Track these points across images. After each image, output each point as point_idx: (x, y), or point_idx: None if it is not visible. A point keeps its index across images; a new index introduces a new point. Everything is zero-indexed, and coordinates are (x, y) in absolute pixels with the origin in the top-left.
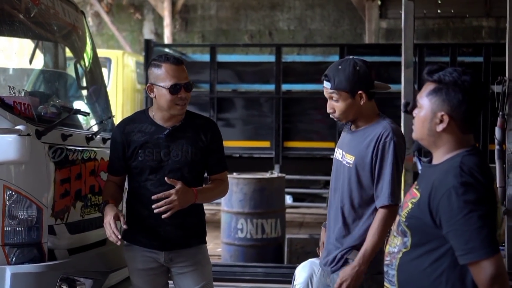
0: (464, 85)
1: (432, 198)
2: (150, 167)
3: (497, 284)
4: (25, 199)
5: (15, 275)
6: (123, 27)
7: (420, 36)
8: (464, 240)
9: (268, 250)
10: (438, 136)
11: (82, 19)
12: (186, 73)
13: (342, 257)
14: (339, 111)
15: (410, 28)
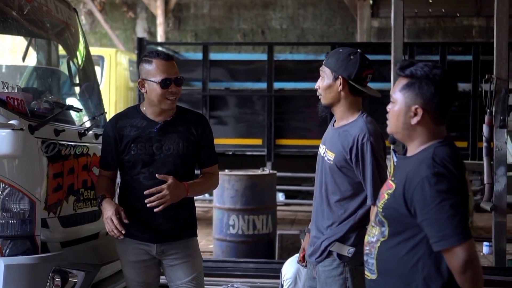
0: (436, 78)
1: (406, 188)
2: (142, 161)
3: (470, 270)
4: (18, 193)
5: (8, 266)
6: (116, 25)
7: (411, 35)
8: (437, 228)
9: (259, 246)
10: (413, 129)
11: (75, 16)
12: (176, 69)
13: (326, 248)
14: (321, 88)
15: (399, 27)
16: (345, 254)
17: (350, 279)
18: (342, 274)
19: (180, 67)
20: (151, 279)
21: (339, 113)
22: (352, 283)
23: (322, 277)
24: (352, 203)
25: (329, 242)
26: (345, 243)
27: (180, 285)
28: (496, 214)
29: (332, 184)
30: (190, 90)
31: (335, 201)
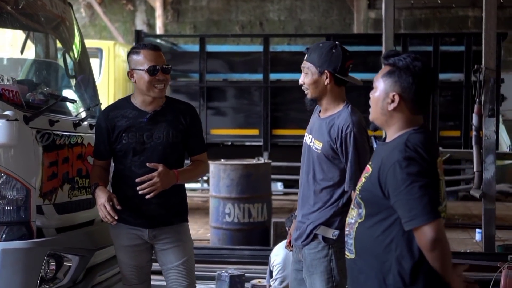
0: (415, 69)
1: (381, 172)
2: (133, 150)
3: (438, 248)
4: (14, 180)
5: (4, 250)
6: (115, 18)
7: (407, 26)
8: (407, 208)
9: (254, 234)
10: (390, 115)
11: (70, 10)
12: (163, 58)
13: (311, 232)
14: (307, 83)
15: (390, 18)
16: (330, 237)
17: (334, 260)
18: (327, 256)
19: (178, 59)
20: (143, 263)
21: (325, 105)
22: (337, 264)
23: (308, 259)
24: (339, 189)
25: (314, 226)
26: (330, 227)
27: (171, 268)
28: (485, 201)
29: (320, 171)
30: (187, 82)
31: (322, 187)
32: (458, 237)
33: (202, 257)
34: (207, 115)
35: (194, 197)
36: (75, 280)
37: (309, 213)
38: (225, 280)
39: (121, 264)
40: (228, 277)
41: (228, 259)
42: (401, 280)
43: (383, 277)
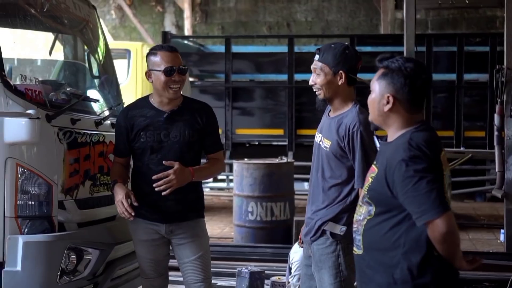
0: (407, 70)
1: (387, 172)
2: (151, 148)
3: (449, 240)
4: (36, 176)
5: (27, 243)
6: (145, 19)
7: (435, 26)
8: (417, 205)
9: (277, 232)
10: (386, 115)
11: (94, 13)
12: (180, 59)
13: (320, 228)
14: (319, 84)
15: (411, 19)
16: (338, 233)
17: (342, 256)
18: (335, 252)
19: (204, 60)
20: (160, 257)
21: (336, 104)
22: (344, 260)
23: (316, 254)
24: (347, 187)
25: (323, 222)
26: (338, 223)
27: (187, 263)
28: (507, 201)
29: (328, 169)
30: (213, 82)
31: (331, 185)
32: (483, 237)
33: (224, 254)
34: (232, 115)
35: (221, 196)
36: (95, 273)
37: (318, 210)
38: (245, 277)
39: (139, 258)
40: (248, 273)
41: (250, 256)
42: (409, 274)
43: (391, 271)
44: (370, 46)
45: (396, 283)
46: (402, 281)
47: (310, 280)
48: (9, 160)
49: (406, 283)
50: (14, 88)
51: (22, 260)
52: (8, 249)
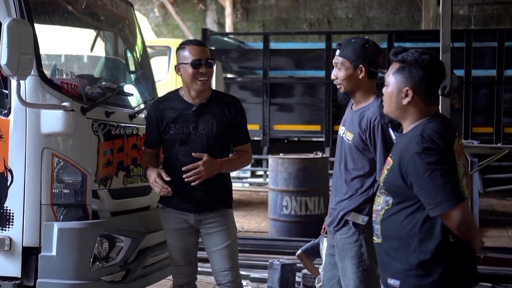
0: (424, 63)
1: (401, 164)
2: (180, 140)
3: (466, 227)
4: (71, 166)
5: (61, 229)
6: (187, 17)
7: (478, 22)
8: (432, 196)
9: (311, 226)
10: (404, 108)
11: (131, 10)
12: (207, 53)
13: (342, 218)
14: (341, 79)
15: (447, 14)
16: (360, 223)
17: (364, 245)
18: (357, 241)
19: (244, 56)
20: (189, 245)
21: (358, 97)
22: (367, 250)
23: (339, 244)
24: (369, 179)
25: (345, 212)
26: (360, 213)
27: (215, 252)
28: None
29: (351, 161)
30: (252, 78)
31: (353, 176)
32: None
33: (259, 248)
34: (270, 111)
35: (260, 191)
36: (126, 260)
37: (341, 201)
38: (277, 269)
39: (169, 246)
40: (280, 265)
41: (283, 250)
42: (425, 261)
43: (408, 258)
44: (410, 42)
45: (412, 270)
46: (418, 267)
47: (334, 269)
48: (46, 150)
49: (422, 270)
50: (51, 82)
51: (57, 246)
52: (44, 235)
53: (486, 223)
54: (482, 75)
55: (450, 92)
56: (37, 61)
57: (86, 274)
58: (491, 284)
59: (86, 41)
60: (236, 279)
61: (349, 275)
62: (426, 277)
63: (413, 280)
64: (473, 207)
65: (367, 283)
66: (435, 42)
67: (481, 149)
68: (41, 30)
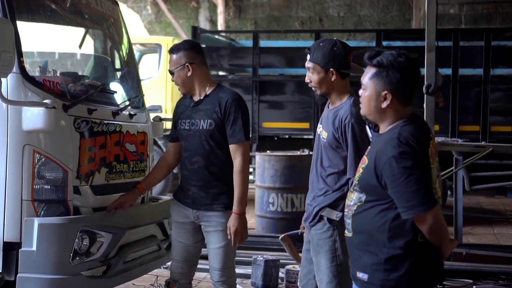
0: (400, 66)
1: (377, 164)
2: (181, 135)
3: (436, 231)
4: (52, 162)
5: (41, 225)
6: (180, 14)
7: (468, 21)
8: (405, 200)
9: (297, 223)
10: (383, 111)
11: (117, 8)
12: (169, 62)
13: (317, 213)
14: (314, 82)
15: (432, 13)
16: (334, 218)
17: (339, 241)
18: (332, 237)
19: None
20: (189, 242)
21: (333, 98)
22: (341, 245)
23: (314, 239)
24: (344, 176)
25: (320, 208)
26: (335, 209)
27: (211, 250)
28: None
29: (326, 159)
30: (242, 76)
31: (328, 173)
32: (508, 232)
33: (245, 244)
34: (259, 109)
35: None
36: (107, 255)
37: (317, 196)
38: (260, 265)
39: (172, 239)
40: (263, 261)
41: (269, 246)
42: (393, 255)
43: (377, 253)
44: (398, 41)
45: (380, 264)
46: (386, 262)
47: (310, 264)
48: (27, 146)
49: (390, 265)
50: (32, 79)
51: (37, 241)
52: (25, 230)
53: (473, 220)
54: (470, 74)
55: (434, 91)
56: (19, 59)
57: (66, 269)
58: (472, 280)
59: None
60: (227, 280)
61: (323, 269)
62: (393, 272)
63: (381, 274)
64: (457, 204)
65: (340, 278)
66: (423, 41)
67: (465, 147)
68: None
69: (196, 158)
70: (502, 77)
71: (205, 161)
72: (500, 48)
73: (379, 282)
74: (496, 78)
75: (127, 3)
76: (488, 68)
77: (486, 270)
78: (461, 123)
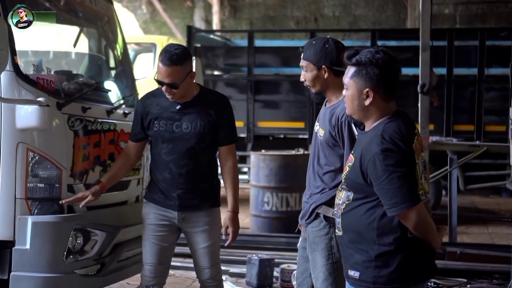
0: (379, 62)
1: (362, 162)
2: (162, 137)
3: (422, 227)
4: (46, 161)
5: (35, 223)
6: (175, 14)
7: (463, 21)
8: (388, 197)
9: (292, 222)
10: (367, 109)
11: (112, 7)
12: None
13: (313, 211)
14: (308, 80)
15: (427, 13)
16: (330, 216)
17: (334, 239)
18: (328, 234)
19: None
20: (165, 244)
21: (330, 95)
22: (337, 243)
23: (310, 237)
24: (340, 174)
25: (316, 205)
26: (331, 207)
27: (198, 250)
28: None
29: (323, 157)
30: (237, 76)
31: (325, 171)
32: (502, 231)
33: (240, 243)
34: (254, 108)
35: (245, 188)
36: (101, 254)
37: (313, 194)
38: (255, 264)
39: (145, 242)
40: (258, 260)
41: (264, 245)
42: (384, 252)
43: (367, 250)
44: (393, 40)
45: (371, 261)
46: (377, 259)
47: (306, 262)
48: (20, 144)
49: (380, 261)
50: (26, 77)
51: (31, 239)
52: (18, 228)
53: (468, 220)
54: (464, 74)
55: (429, 90)
56: (12, 57)
57: (60, 267)
58: (467, 279)
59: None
60: (216, 276)
61: (319, 267)
62: (383, 268)
63: (372, 271)
64: (452, 204)
65: (336, 275)
66: (418, 41)
67: (460, 146)
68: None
69: (185, 161)
70: (497, 76)
71: (194, 164)
72: (494, 48)
73: (370, 279)
74: (491, 77)
75: (122, 2)
76: (482, 68)
77: (480, 269)
78: (455, 123)
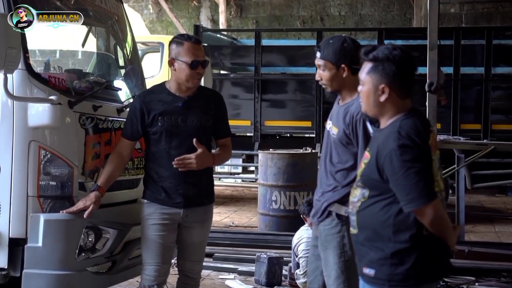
0: (395, 58)
1: (378, 159)
2: (168, 132)
3: (438, 223)
4: (58, 159)
5: (47, 221)
6: (181, 14)
7: (469, 20)
8: (405, 193)
9: (299, 221)
10: (382, 105)
11: (121, 6)
12: (203, 52)
13: (326, 209)
14: (325, 79)
15: (434, 12)
16: (343, 214)
17: (347, 237)
18: (340, 232)
19: (236, 53)
20: (168, 243)
21: (344, 94)
22: (349, 241)
23: (322, 235)
24: (353, 172)
25: (329, 203)
26: (344, 205)
27: (194, 244)
28: None
29: (336, 155)
30: (244, 75)
31: (338, 169)
32: (509, 230)
33: (248, 242)
34: (261, 107)
35: (252, 187)
36: (112, 251)
37: (325, 192)
38: (264, 262)
39: (149, 243)
40: (267, 259)
41: (272, 243)
42: (399, 249)
43: (382, 247)
44: (400, 39)
45: (386, 259)
46: (392, 256)
47: (317, 260)
48: (33, 143)
49: (396, 259)
50: (38, 76)
51: (43, 237)
52: (30, 226)
53: (474, 218)
54: (471, 73)
55: (437, 89)
56: (24, 55)
57: (72, 265)
58: (475, 278)
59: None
60: (199, 271)
61: (331, 265)
62: (399, 265)
63: (387, 268)
64: (459, 203)
65: (348, 273)
66: (425, 40)
67: (467, 145)
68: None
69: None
70: (503, 75)
71: None
72: (501, 47)
73: (386, 276)
74: (497, 76)
75: (128, 2)
76: (489, 66)
77: (488, 268)
78: (462, 122)
